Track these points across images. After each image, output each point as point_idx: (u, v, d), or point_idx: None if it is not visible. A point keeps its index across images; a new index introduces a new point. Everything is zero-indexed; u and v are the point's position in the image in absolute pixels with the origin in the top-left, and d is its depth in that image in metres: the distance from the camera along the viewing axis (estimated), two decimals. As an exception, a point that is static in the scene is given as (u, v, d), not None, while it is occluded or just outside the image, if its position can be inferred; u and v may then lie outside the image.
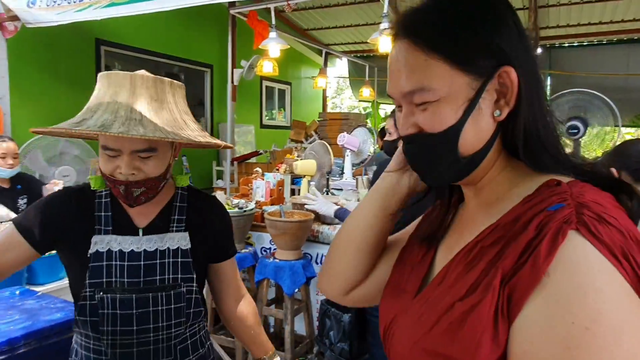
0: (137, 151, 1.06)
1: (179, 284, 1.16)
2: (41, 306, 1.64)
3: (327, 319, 2.41)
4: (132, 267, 1.14)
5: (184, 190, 1.28)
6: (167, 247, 1.17)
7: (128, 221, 1.19)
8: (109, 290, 1.12)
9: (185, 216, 1.22)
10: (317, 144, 3.56)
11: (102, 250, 1.13)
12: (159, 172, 1.11)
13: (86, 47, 5.64)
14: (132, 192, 1.10)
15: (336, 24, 7.80)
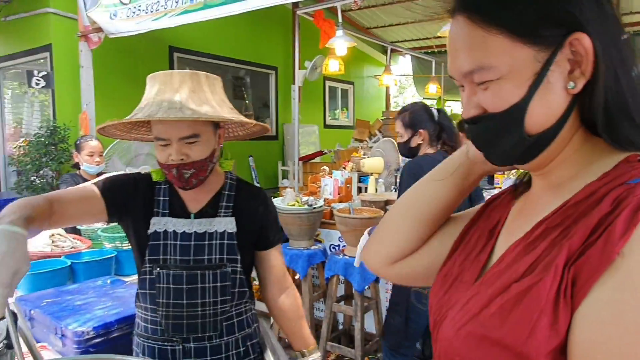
0: (183, 138, 1.20)
1: (225, 264, 1.28)
2: (130, 294, 1.74)
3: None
4: (184, 246, 1.28)
5: (234, 180, 1.40)
6: (215, 230, 1.30)
7: (182, 206, 1.34)
8: (165, 267, 1.27)
9: (232, 203, 1.35)
10: (384, 141, 3.52)
11: (159, 231, 1.29)
12: (204, 155, 1.24)
13: (161, 54, 5.97)
14: (183, 174, 1.23)
15: (399, 21, 7.70)
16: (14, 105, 6.44)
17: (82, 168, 3.14)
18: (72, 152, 3.35)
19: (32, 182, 4.84)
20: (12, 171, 6.11)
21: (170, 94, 1.19)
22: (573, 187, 0.57)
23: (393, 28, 7.93)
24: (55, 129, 4.81)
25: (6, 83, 6.39)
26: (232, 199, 1.36)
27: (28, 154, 4.84)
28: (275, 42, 7.29)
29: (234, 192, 1.38)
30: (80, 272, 2.13)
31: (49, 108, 5.51)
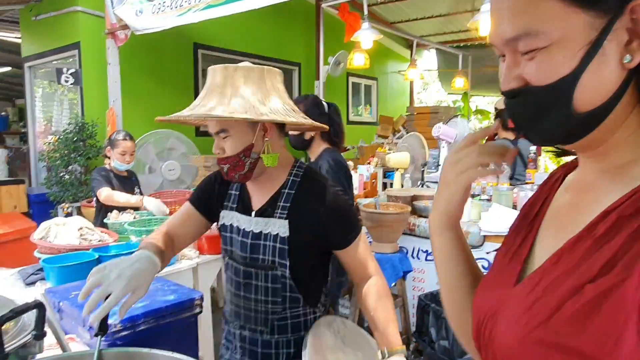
0: (217, 133, 1.24)
1: (275, 266, 1.28)
2: (157, 288, 1.74)
3: (426, 315, 2.33)
4: (243, 243, 1.32)
5: (298, 175, 1.33)
6: (269, 231, 1.28)
7: (247, 202, 1.36)
8: (231, 258, 1.37)
9: (289, 203, 1.29)
10: (410, 136, 3.46)
11: (227, 224, 1.38)
12: (236, 150, 1.24)
13: (185, 51, 6.01)
14: (223, 167, 1.27)
15: (424, 15, 7.57)
16: (45, 103, 6.59)
17: (113, 164, 3.22)
18: (105, 146, 3.43)
19: (61, 177, 4.94)
20: (43, 167, 6.26)
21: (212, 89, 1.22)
22: (638, 173, 0.51)
23: (417, 22, 7.80)
24: (83, 125, 4.89)
25: (37, 82, 6.55)
26: (290, 198, 1.30)
27: (57, 150, 4.94)
28: (298, 37, 7.26)
29: (293, 190, 1.31)
30: (108, 265, 2.14)
31: (77, 106, 5.61)
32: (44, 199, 5.30)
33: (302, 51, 7.32)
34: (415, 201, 2.79)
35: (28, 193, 5.67)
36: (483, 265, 2.52)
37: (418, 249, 2.79)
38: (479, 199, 2.79)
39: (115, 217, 2.78)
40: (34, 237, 2.32)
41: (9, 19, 6.94)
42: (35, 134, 6.57)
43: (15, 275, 2.19)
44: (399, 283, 2.68)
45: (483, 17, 2.90)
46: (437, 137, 3.34)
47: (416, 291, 2.85)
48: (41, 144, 6.31)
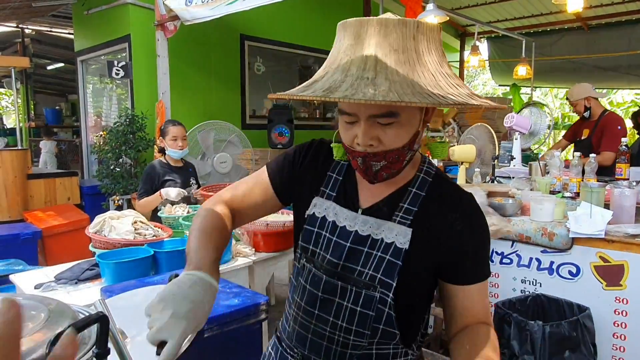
0: (374, 116, 0.86)
1: (375, 285, 0.94)
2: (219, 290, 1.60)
3: (506, 325, 2.09)
4: (338, 245, 0.98)
5: (430, 173, 1.01)
6: (381, 237, 0.95)
7: (353, 194, 1.02)
8: (311, 260, 1.01)
9: (417, 208, 0.96)
10: (477, 127, 3.19)
11: (318, 215, 1.02)
12: (401, 142, 0.89)
13: (232, 43, 5.92)
14: (371, 166, 0.91)
15: (476, 2, 7.19)
16: (95, 99, 6.70)
17: (167, 153, 3.14)
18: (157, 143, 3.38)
19: (112, 170, 4.97)
20: (94, 159, 6.36)
21: (363, 53, 0.82)
22: None
23: (470, 10, 7.42)
24: (133, 118, 4.89)
25: (87, 78, 6.66)
26: (418, 200, 0.97)
27: (108, 143, 4.96)
28: (346, 28, 7.05)
29: (424, 191, 0.98)
30: (163, 262, 2.03)
31: (125, 101, 5.65)
32: (96, 191, 5.37)
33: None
34: (489, 198, 2.54)
35: (80, 185, 5.77)
36: (571, 271, 2.26)
37: (492, 250, 2.54)
38: (561, 195, 2.51)
39: (169, 210, 2.68)
40: (88, 230, 2.24)
41: (62, 14, 7.10)
42: (87, 128, 6.70)
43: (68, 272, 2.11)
44: (470, 287, 2.45)
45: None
46: (509, 127, 3.07)
47: (489, 297, 2.61)
48: (92, 138, 6.41)
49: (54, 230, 4.39)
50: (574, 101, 3.64)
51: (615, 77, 6.96)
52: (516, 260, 2.46)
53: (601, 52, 6.80)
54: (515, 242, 2.45)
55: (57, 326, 0.84)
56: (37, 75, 10.19)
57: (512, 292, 2.48)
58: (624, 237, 2.10)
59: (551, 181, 2.67)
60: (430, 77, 0.81)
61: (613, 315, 2.14)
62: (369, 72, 0.79)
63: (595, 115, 3.67)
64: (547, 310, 2.26)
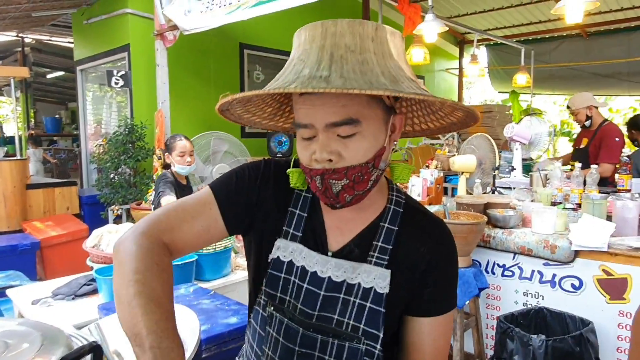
0: (333, 125, 0.76)
1: (359, 337, 0.84)
2: (216, 307, 1.57)
3: (509, 340, 2.06)
4: (310, 293, 0.86)
5: (399, 205, 0.91)
6: (357, 282, 0.85)
7: (322, 233, 0.90)
8: (280, 309, 0.88)
9: (392, 246, 0.87)
10: (477, 137, 3.18)
11: (284, 260, 0.89)
12: (365, 157, 0.78)
13: (231, 51, 5.93)
14: (331, 185, 0.79)
15: (475, 10, 7.21)
16: (95, 107, 6.70)
17: (174, 169, 2.99)
18: (156, 152, 3.26)
19: (111, 179, 4.96)
20: (93, 169, 6.35)
21: (317, 56, 0.76)
22: None
23: (468, 17, 7.44)
24: (132, 127, 4.88)
25: (87, 86, 6.66)
26: (392, 237, 0.88)
27: (107, 152, 4.96)
28: (345, 36, 7.07)
29: (396, 225, 0.88)
30: (161, 278, 2.00)
31: (125, 109, 5.64)
32: (95, 201, 5.35)
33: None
34: (490, 209, 2.52)
35: (80, 195, 5.75)
36: (573, 284, 2.24)
37: (493, 263, 2.52)
38: (563, 207, 2.49)
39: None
40: (86, 244, 2.22)
41: (62, 24, 7.12)
42: (86, 136, 6.69)
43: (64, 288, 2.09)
44: (472, 301, 2.42)
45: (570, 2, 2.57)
46: (509, 138, 3.05)
47: (490, 309, 2.58)
48: (92, 146, 6.41)
49: (53, 241, 4.37)
50: (575, 110, 3.63)
51: (615, 83, 6.97)
52: (518, 272, 2.44)
53: (600, 59, 6.81)
54: (517, 255, 2.43)
55: (50, 355, 0.83)
56: (37, 84, 10.22)
57: (514, 305, 2.45)
58: (627, 250, 2.08)
59: (552, 192, 2.66)
60: (390, 77, 0.74)
61: (617, 329, 2.12)
62: (323, 71, 0.73)
63: (595, 124, 3.67)
64: (549, 324, 2.23)
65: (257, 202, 0.92)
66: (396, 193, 0.92)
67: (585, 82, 7.24)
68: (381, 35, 0.78)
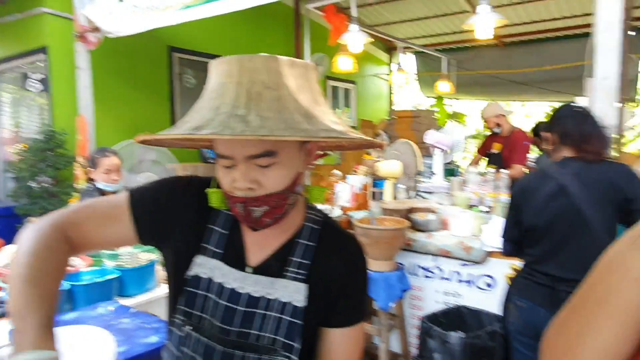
0: (253, 157, 0.80)
1: (277, 349, 0.88)
2: (137, 326, 1.54)
3: (429, 339, 2.18)
4: (229, 310, 0.89)
5: (317, 223, 0.97)
6: (276, 296, 0.90)
7: (241, 251, 0.94)
8: (198, 328, 0.90)
9: (309, 261, 0.92)
10: (402, 143, 3.32)
11: (202, 277, 0.91)
12: (283, 184, 0.84)
13: (160, 54, 5.76)
14: (252, 212, 0.84)
15: (402, 18, 7.50)
16: (14, 109, 6.24)
17: (98, 186, 2.81)
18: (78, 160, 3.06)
19: (29, 189, 4.65)
20: (10, 177, 5.91)
21: (235, 91, 0.79)
22: None
23: (397, 25, 7.72)
24: (52, 134, 4.61)
25: (3, 86, 6.19)
26: (310, 252, 0.93)
27: (25, 160, 4.64)
28: (277, 41, 7.08)
29: (314, 241, 0.94)
30: (80, 296, 1.92)
31: (48, 111, 5.31)
32: (11, 213, 4.98)
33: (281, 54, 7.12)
34: (412, 214, 2.65)
35: (-7, 206, 5.34)
36: (487, 283, 2.40)
37: (416, 265, 2.65)
38: (479, 210, 2.67)
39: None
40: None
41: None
42: (1, 143, 6.20)
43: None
44: (397, 302, 2.53)
45: (479, 19, 2.78)
46: (430, 144, 3.22)
47: (414, 310, 2.71)
48: (9, 153, 5.96)
49: (-39, 258, 4.02)
50: (487, 118, 3.93)
51: (529, 90, 7.50)
52: (438, 273, 2.58)
53: (515, 68, 7.31)
54: (437, 257, 2.57)
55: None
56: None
57: (436, 305, 2.60)
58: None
59: (469, 196, 2.84)
60: (305, 113, 0.79)
61: (525, 322, 2.29)
62: (241, 110, 0.76)
63: (506, 131, 3.98)
64: (467, 321, 2.38)
65: (175, 216, 0.94)
66: (314, 211, 0.99)
67: (503, 89, 7.74)
68: (296, 70, 0.82)
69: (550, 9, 6.33)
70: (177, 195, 0.95)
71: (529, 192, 1.90)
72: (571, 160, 1.82)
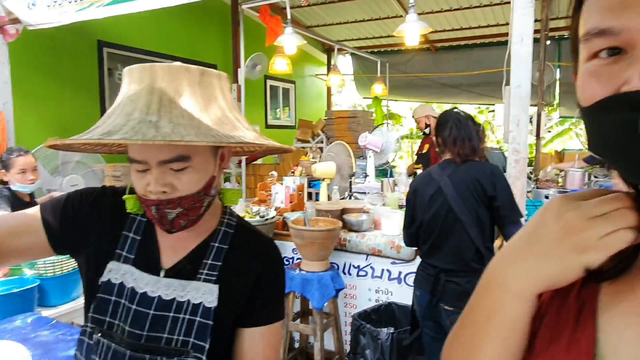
0: (166, 162, 0.83)
1: (188, 350, 0.88)
2: (57, 338, 1.47)
3: (361, 336, 2.25)
4: (139, 313, 0.90)
5: (232, 225, 1.00)
6: (187, 299, 0.91)
7: (155, 255, 0.95)
8: (108, 335, 0.89)
9: (221, 262, 0.94)
10: (336, 144, 3.39)
11: (114, 282, 0.91)
12: (196, 188, 0.86)
13: (88, 49, 5.47)
14: (166, 214, 0.86)
15: (340, 20, 7.62)
16: None
17: (14, 189, 2.63)
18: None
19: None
20: None
21: (147, 98, 0.81)
22: None
23: (333, 27, 7.84)
24: (-36, 132, 4.24)
25: None
26: (221, 254, 0.95)
27: None
28: (214, 38, 6.96)
29: (227, 244, 0.96)
30: (-5, 308, 1.80)
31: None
32: None
33: (219, 52, 7.03)
34: (346, 215, 2.71)
35: None
36: (416, 279, 2.50)
37: (349, 264, 2.72)
38: (407, 210, 2.78)
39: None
40: None
41: None
42: None
43: None
44: (331, 302, 2.58)
45: (409, 26, 2.90)
46: (363, 146, 3.31)
47: (348, 308, 2.78)
48: None
49: None
50: (417, 118, 4.11)
51: (459, 93, 7.88)
52: (370, 272, 2.66)
53: (446, 71, 7.65)
54: (369, 256, 2.65)
55: None
56: None
57: (368, 302, 2.68)
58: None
59: (399, 196, 2.95)
60: (217, 120, 0.82)
61: (451, 316, 2.43)
62: (152, 116, 0.78)
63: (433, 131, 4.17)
64: (397, 318, 2.48)
65: (88, 225, 0.95)
66: (228, 216, 1.01)
67: (434, 91, 8.08)
68: (207, 79, 0.85)
69: (477, 16, 6.68)
70: (90, 205, 0.96)
71: (419, 192, 2.12)
72: (448, 162, 2.04)
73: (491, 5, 6.25)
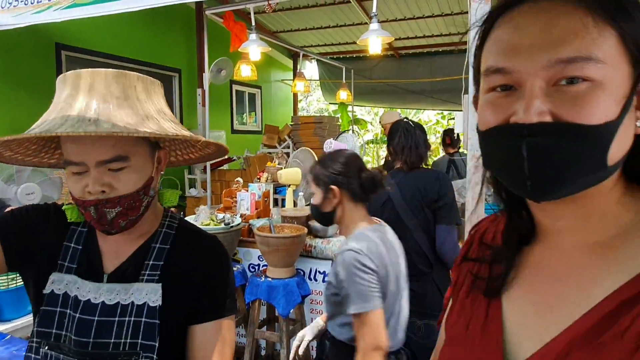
0: (104, 162, 0.84)
1: (137, 352, 0.88)
2: (11, 354, 1.42)
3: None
4: (84, 321, 0.89)
5: (173, 226, 1.02)
6: (131, 301, 0.91)
7: (96, 262, 0.96)
8: (55, 346, 0.89)
9: (162, 262, 0.95)
10: (302, 150, 3.40)
11: (57, 293, 0.92)
12: (135, 186, 0.88)
13: (46, 52, 5.30)
14: (105, 213, 0.86)
15: (305, 26, 7.67)
16: None
17: None
18: None
19: None
20: None
21: (84, 101, 0.83)
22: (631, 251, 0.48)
23: (299, 33, 7.88)
24: None
25: None
26: (163, 254, 0.96)
27: None
28: (178, 43, 6.87)
29: (168, 244, 0.98)
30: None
31: None
32: None
33: (183, 57, 6.94)
34: (311, 221, 2.73)
35: None
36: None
37: (315, 270, 2.73)
38: (372, 216, 2.82)
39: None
40: None
41: None
42: None
43: None
44: (297, 308, 2.58)
45: (372, 35, 2.95)
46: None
47: (314, 314, 2.79)
48: None
49: None
50: (384, 124, 4.16)
51: (422, 99, 8.05)
52: (336, 277, 2.68)
53: (410, 78, 7.81)
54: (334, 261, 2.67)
55: None
56: None
57: (334, 307, 2.69)
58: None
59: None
60: (153, 120, 0.87)
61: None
62: (91, 115, 0.81)
63: None
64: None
65: (32, 239, 0.96)
66: (169, 218, 1.04)
67: (399, 97, 8.23)
68: (143, 85, 0.90)
69: (439, 25, 6.86)
70: (33, 221, 0.97)
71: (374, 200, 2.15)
72: (397, 171, 2.10)
73: (452, 15, 6.42)
